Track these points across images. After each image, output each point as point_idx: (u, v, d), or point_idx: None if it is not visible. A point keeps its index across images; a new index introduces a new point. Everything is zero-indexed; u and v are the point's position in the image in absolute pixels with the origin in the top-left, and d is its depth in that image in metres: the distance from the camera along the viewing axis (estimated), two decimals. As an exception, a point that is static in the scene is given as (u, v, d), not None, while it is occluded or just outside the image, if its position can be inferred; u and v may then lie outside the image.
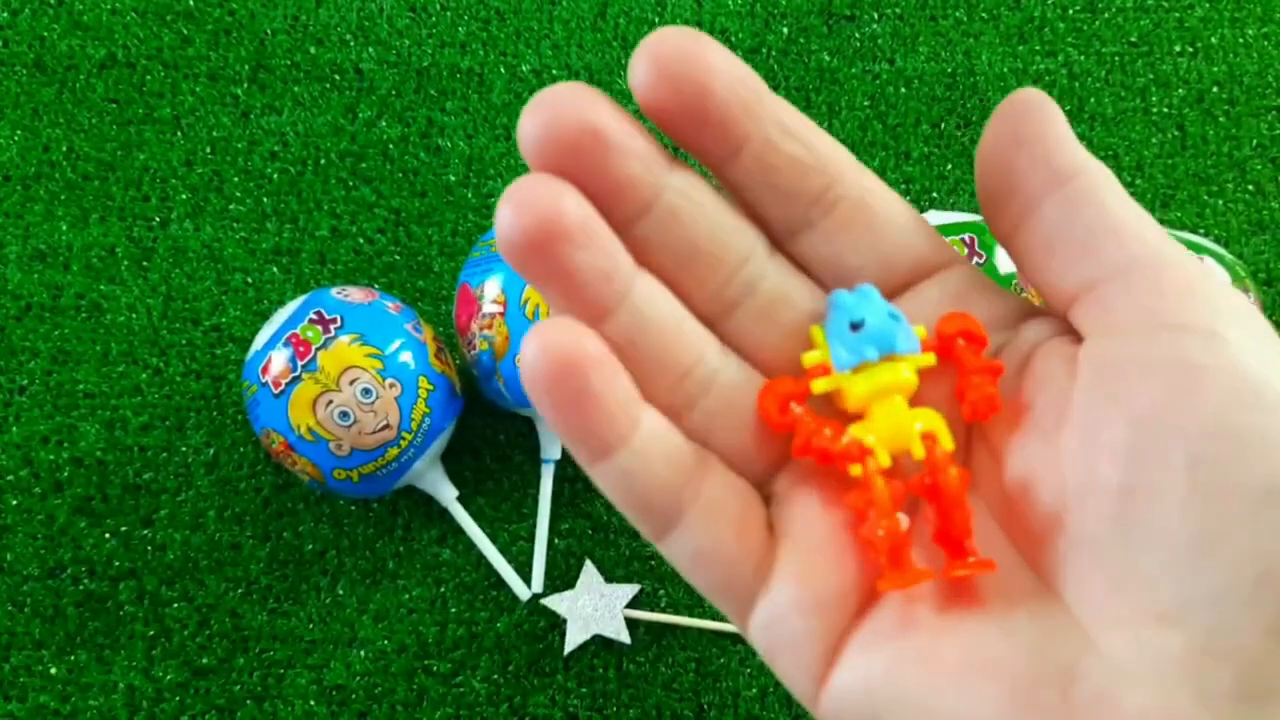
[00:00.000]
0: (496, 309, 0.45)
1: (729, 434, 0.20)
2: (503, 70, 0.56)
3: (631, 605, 0.47)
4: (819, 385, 0.19)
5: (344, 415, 0.43)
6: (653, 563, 0.48)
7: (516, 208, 0.17)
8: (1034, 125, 0.19)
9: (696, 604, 0.47)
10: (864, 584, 0.19)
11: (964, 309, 0.20)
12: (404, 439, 0.44)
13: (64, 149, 0.54)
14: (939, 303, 0.20)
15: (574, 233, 0.17)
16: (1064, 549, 0.17)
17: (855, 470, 0.19)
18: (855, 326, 0.19)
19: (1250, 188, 0.55)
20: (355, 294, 0.46)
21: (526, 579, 0.48)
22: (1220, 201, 0.55)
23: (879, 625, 0.18)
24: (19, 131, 0.54)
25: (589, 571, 0.48)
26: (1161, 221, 0.54)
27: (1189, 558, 0.16)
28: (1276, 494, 0.15)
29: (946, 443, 0.19)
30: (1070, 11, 0.58)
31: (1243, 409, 0.16)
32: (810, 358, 0.19)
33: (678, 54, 0.17)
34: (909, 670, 0.17)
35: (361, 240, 0.53)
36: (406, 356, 0.44)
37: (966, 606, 0.18)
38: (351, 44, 0.56)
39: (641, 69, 0.17)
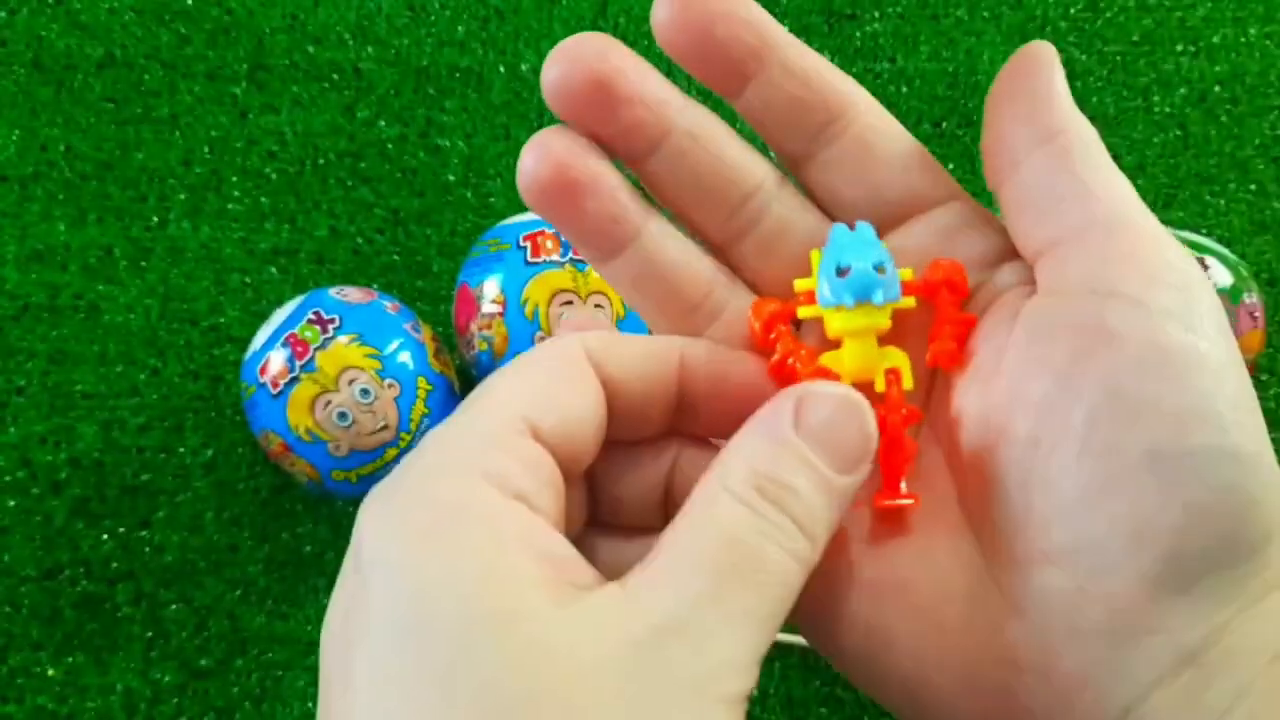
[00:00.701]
0: (495, 309, 0.45)
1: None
2: (502, 70, 0.56)
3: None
4: (803, 311, 0.21)
5: (342, 416, 0.43)
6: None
7: (535, 159, 0.20)
8: (1024, 83, 0.19)
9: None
10: None
11: (950, 247, 0.21)
12: (403, 440, 0.44)
13: (62, 148, 0.54)
14: (927, 240, 0.21)
15: (583, 183, 0.20)
16: (980, 488, 0.19)
17: None
18: (842, 272, 0.20)
19: (1253, 187, 0.55)
20: (354, 294, 0.46)
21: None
22: (1222, 201, 0.54)
23: None
24: (16, 131, 0.54)
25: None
26: (1164, 221, 0.54)
27: (1077, 508, 0.17)
28: (1159, 459, 0.17)
29: (907, 382, 0.20)
30: (1072, 10, 0.57)
31: (1144, 377, 0.17)
32: (802, 284, 0.21)
33: (687, 1, 0.19)
34: (834, 584, 0.20)
35: (360, 240, 0.53)
36: (405, 357, 0.44)
37: (891, 534, 0.20)
38: (350, 43, 0.56)
39: (657, 15, 0.20)
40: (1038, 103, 0.19)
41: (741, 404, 0.19)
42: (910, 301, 0.20)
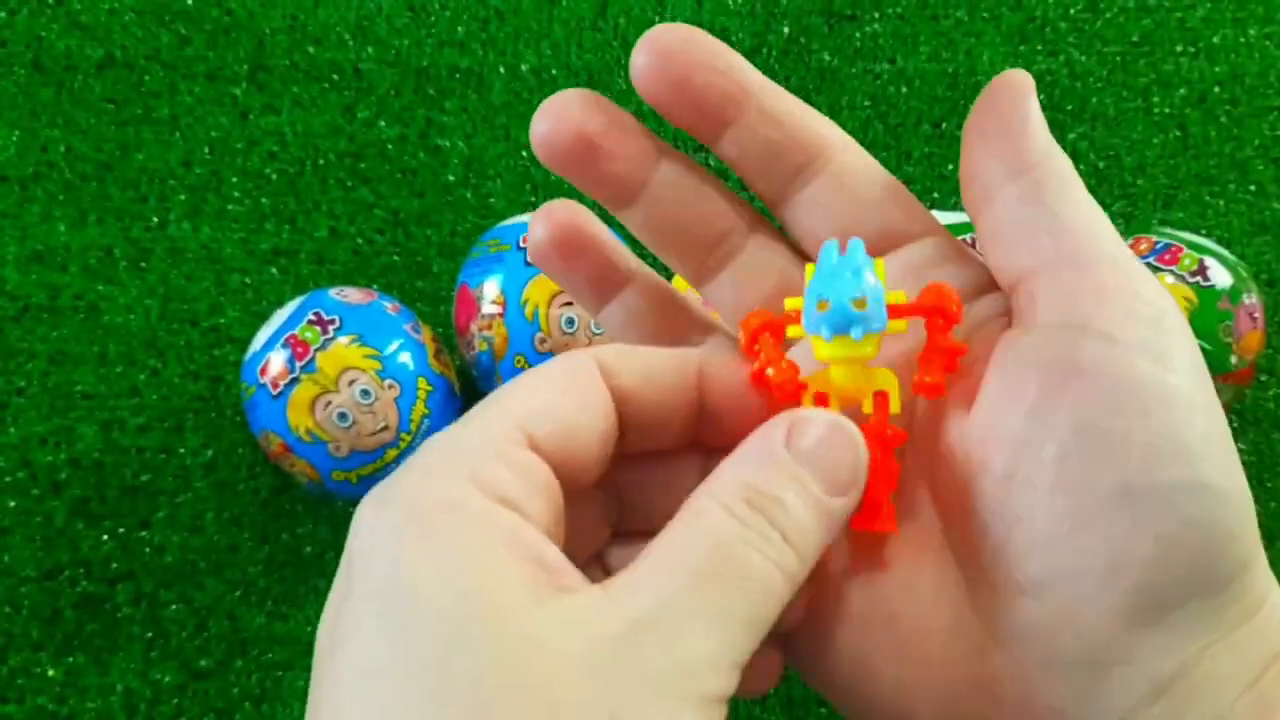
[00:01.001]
0: (495, 310, 0.45)
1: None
2: (502, 70, 0.56)
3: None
4: (792, 331, 0.21)
5: (342, 416, 0.43)
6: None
7: (543, 222, 0.22)
8: (998, 114, 0.20)
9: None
10: None
11: (923, 282, 0.21)
12: (403, 440, 0.44)
13: (62, 149, 0.54)
14: (900, 276, 0.21)
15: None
16: (961, 520, 0.19)
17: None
18: (821, 304, 0.20)
19: (1252, 188, 0.55)
20: (354, 295, 0.46)
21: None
22: (1222, 202, 0.54)
23: None
24: (17, 132, 0.54)
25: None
26: (1163, 222, 0.54)
27: (1051, 542, 0.18)
28: (1129, 493, 0.17)
29: (894, 406, 0.20)
30: (1072, 11, 0.58)
31: (1114, 413, 0.17)
32: (791, 303, 0.21)
33: (665, 51, 0.20)
34: (820, 616, 0.20)
35: (360, 241, 0.53)
36: (405, 357, 0.44)
37: (877, 565, 0.20)
38: (350, 44, 0.56)
39: (636, 64, 0.20)
40: (1012, 135, 0.19)
41: (761, 415, 0.19)
42: (902, 326, 0.20)
